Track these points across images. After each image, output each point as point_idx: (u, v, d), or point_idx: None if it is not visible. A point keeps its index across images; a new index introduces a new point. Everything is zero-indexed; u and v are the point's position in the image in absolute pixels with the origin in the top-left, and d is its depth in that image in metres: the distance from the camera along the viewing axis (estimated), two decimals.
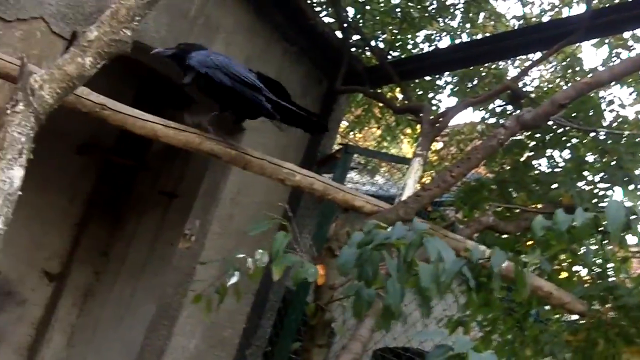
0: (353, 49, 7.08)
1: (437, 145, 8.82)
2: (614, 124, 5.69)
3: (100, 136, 7.48)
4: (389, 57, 7.46)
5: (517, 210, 5.00)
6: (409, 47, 7.76)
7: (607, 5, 6.37)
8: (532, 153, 5.54)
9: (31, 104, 2.31)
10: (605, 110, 5.80)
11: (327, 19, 7.46)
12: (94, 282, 7.50)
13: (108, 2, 2.71)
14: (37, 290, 7.36)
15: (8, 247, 6.83)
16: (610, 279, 4.36)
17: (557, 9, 8.02)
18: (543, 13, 8.07)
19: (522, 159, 5.58)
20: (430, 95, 7.93)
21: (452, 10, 7.75)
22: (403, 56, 7.67)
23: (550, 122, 4.73)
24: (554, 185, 5.12)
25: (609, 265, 4.39)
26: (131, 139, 7.06)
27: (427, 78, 7.80)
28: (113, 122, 3.47)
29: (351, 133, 10.69)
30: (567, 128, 5.19)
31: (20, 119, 2.28)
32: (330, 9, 7.56)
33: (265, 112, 3.53)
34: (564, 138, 5.39)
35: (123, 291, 7.15)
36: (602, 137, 5.16)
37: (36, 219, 7.12)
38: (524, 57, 7.75)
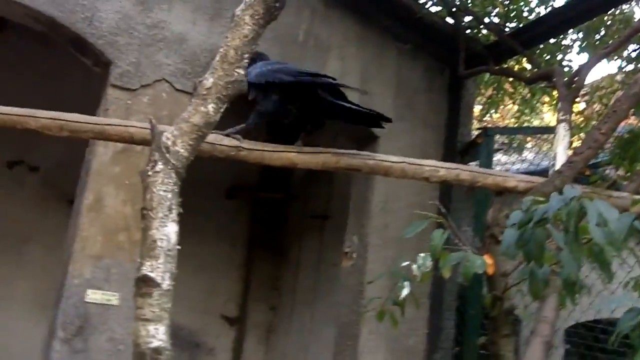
0: (467, 31, 6.92)
1: (579, 107, 8.43)
2: None
3: (245, 177, 7.68)
4: (507, 29, 7.22)
5: None
6: (525, 14, 7.47)
7: None
8: None
9: (168, 161, 2.38)
10: None
11: (434, 9, 7.33)
12: (272, 318, 7.68)
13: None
14: (222, 336, 7.62)
15: (185, 301, 7.20)
16: None
17: None
18: None
19: None
20: (559, 57, 7.59)
21: None
22: (521, 25, 7.40)
23: None
24: None
25: None
26: (273, 172, 7.29)
27: (552, 41, 7.47)
28: (251, 160, 3.53)
29: (487, 115, 10.42)
30: None
31: (162, 177, 2.35)
32: None
33: (335, 86, 3.47)
34: None
35: (302, 320, 7.26)
36: None
37: (204, 268, 7.40)
38: None
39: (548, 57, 7.53)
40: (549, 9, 7.56)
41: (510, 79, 8.17)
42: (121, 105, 5.08)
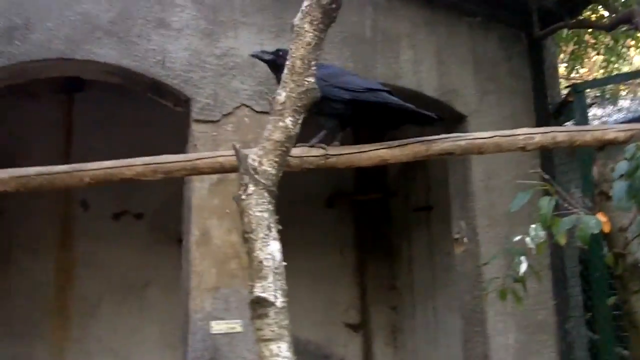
0: None
1: None
2: None
3: (341, 183, 7.70)
4: None
5: None
6: None
7: None
8: None
9: (258, 181, 2.40)
10: None
11: None
12: (395, 317, 7.64)
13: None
14: (349, 345, 7.63)
15: (306, 315, 7.26)
16: None
17: None
18: None
19: None
20: None
21: None
22: None
23: None
24: None
25: None
26: (368, 173, 7.28)
27: None
28: (341, 165, 3.51)
29: (574, 71, 10.09)
30: None
31: (255, 198, 2.37)
32: None
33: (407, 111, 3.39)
34: None
35: (425, 315, 7.20)
36: None
37: (319, 280, 7.44)
38: None
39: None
40: None
41: (590, 30, 7.89)
42: (207, 138, 5.17)
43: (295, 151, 3.16)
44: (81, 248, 7.26)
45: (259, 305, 2.24)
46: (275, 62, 3.71)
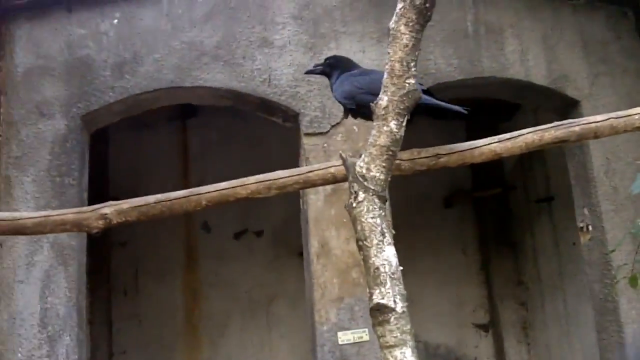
0: None
1: None
2: None
3: (458, 182, 7.61)
4: None
5: None
6: None
7: None
8: None
9: (368, 188, 2.40)
10: None
11: None
12: (525, 313, 7.46)
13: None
14: (480, 345, 7.51)
15: (434, 318, 7.21)
16: None
17: None
18: None
19: None
20: None
21: None
22: None
23: None
24: None
25: None
26: (484, 169, 7.15)
27: None
28: (454, 164, 3.46)
29: None
30: None
31: (366, 205, 2.37)
32: None
33: (438, 108, 3.31)
34: None
35: (555, 308, 7.00)
36: None
37: (445, 281, 7.37)
38: None
39: None
40: None
41: None
42: (319, 150, 5.23)
43: (405, 154, 3.14)
44: (206, 269, 7.47)
45: (379, 312, 2.24)
46: (325, 71, 3.76)
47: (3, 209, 5.01)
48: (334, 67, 3.71)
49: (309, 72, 3.99)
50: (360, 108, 3.40)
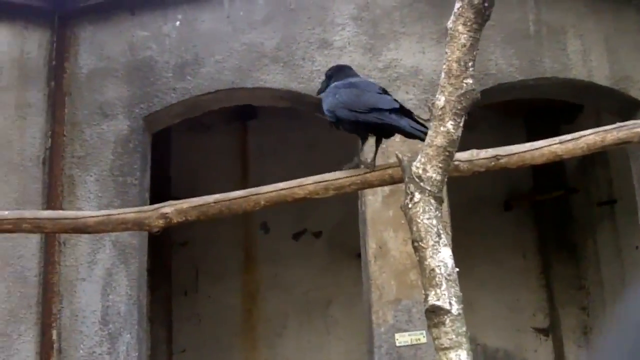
0: None
1: None
2: None
3: (517, 185, 7.50)
4: None
5: None
6: None
7: None
8: None
9: (424, 189, 2.38)
10: None
11: None
12: (586, 318, 7.31)
13: None
14: (539, 350, 7.40)
15: (493, 321, 7.11)
16: None
17: None
18: None
19: None
20: None
21: None
22: None
23: None
24: None
25: None
26: (545, 171, 7.03)
27: None
28: (513, 165, 3.42)
29: None
30: None
31: (422, 206, 2.36)
32: None
33: (402, 131, 3.30)
34: None
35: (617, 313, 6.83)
36: None
37: (503, 286, 7.28)
38: None
39: None
40: None
41: None
42: (378, 152, 5.20)
43: (464, 155, 3.12)
44: (264, 270, 7.52)
45: (434, 314, 2.22)
46: (328, 84, 3.71)
47: (66, 208, 5.15)
48: (331, 78, 3.71)
49: (319, 93, 3.92)
50: (340, 122, 3.45)
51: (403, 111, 3.40)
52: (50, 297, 5.09)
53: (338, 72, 3.74)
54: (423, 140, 3.15)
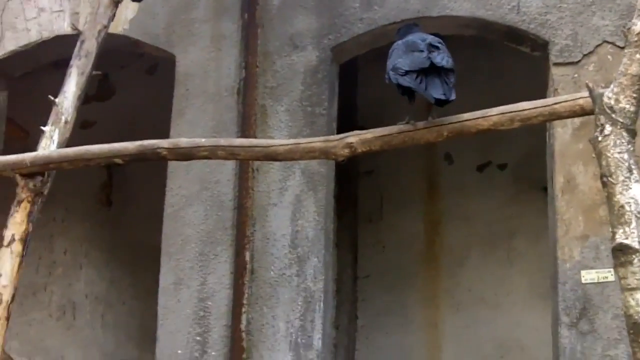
0: None
1: None
2: None
3: None
4: None
5: None
6: None
7: None
8: None
9: (616, 121, 2.27)
10: None
11: None
12: None
13: None
14: None
15: None
16: None
17: None
18: None
19: None
20: None
21: None
22: None
23: None
24: None
25: None
26: None
27: None
28: None
29: None
30: None
31: (613, 139, 2.25)
32: None
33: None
34: None
35: None
36: None
37: None
38: None
39: None
40: None
41: None
42: (568, 81, 5.00)
43: None
44: (447, 201, 7.47)
45: (621, 253, 2.14)
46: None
47: (259, 137, 5.38)
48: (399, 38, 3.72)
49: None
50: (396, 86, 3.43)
51: (434, 70, 3.36)
52: (244, 220, 5.38)
53: (404, 30, 3.83)
54: (434, 103, 3.18)
